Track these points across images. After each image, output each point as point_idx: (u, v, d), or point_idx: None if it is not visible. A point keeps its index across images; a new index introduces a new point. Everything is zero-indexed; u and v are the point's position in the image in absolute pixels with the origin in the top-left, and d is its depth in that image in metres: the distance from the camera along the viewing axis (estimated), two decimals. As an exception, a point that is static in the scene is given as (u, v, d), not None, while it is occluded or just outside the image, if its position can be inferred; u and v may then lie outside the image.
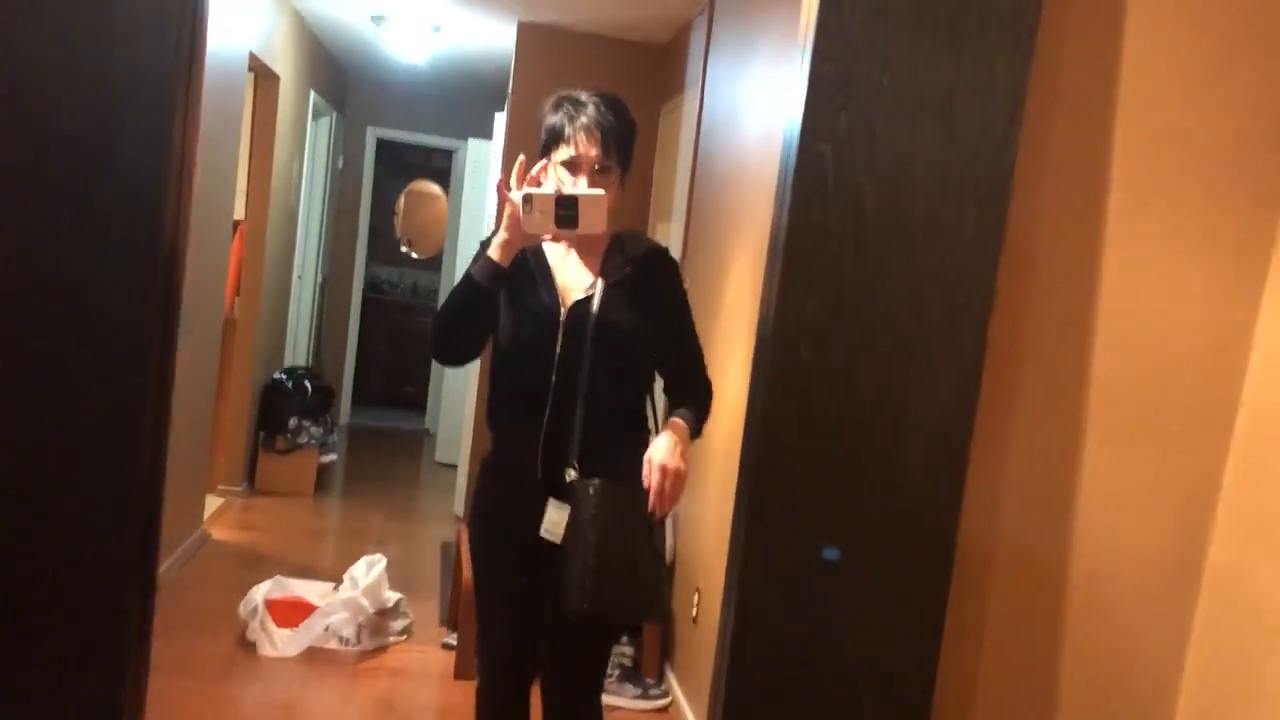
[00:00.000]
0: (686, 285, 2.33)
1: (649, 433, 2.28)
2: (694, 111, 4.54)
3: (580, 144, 2.15)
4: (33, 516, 1.51)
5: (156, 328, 1.65)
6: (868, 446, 1.36)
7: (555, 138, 2.20)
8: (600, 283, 2.23)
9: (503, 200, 2.09)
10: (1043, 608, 2.16)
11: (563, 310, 2.22)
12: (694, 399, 2.23)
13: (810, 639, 1.51)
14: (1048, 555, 2.07)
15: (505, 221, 2.08)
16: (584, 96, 2.20)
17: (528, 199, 2.01)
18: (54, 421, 1.53)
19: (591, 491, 2.14)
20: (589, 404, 2.20)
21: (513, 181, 2.11)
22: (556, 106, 2.22)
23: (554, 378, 2.19)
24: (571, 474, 2.19)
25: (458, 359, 2.30)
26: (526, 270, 2.22)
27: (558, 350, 2.19)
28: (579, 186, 2.13)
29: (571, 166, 2.16)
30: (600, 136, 2.15)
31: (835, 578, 1.47)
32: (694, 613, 3.68)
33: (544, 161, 2.16)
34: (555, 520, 2.20)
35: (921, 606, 1.47)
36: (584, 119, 2.15)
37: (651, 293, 2.24)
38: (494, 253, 2.12)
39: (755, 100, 3.59)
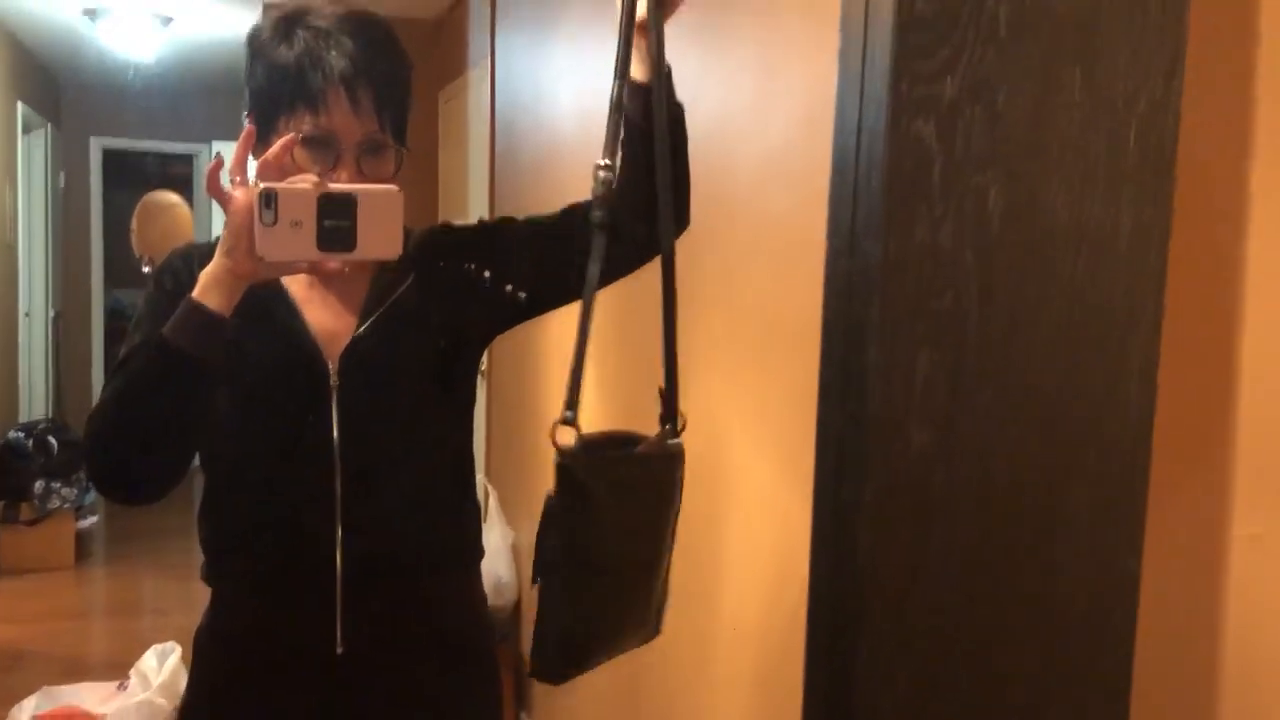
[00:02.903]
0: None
1: (479, 548, 1.56)
2: (482, 93, 4.09)
3: (336, 106, 1.28)
4: None
5: None
6: (1013, 567, 0.92)
7: (286, 93, 1.29)
8: (377, 305, 1.39)
9: (223, 202, 1.18)
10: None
11: (331, 365, 1.36)
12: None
13: None
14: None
15: (227, 239, 1.18)
16: (329, 20, 1.30)
17: (268, 199, 1.14)
18: None
19: None
20: (393, 513, 1.40)
21: (228, 173, 1.19)
22: (285, 33, 1.31)
23: (340, 478, 1.36)
24: None
25: (152, 487, 1.28)
26: (248, 305, 1.23)
27: (335, 431, 1.35)
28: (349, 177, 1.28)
29: (319, 145, 1.29)
30: (371, 93, 1.29)
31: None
32: (554, 656, 3.30)
33: (290, 136, 1.24)
34: None
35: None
36: (337, 60, 1.28)
37: (465, 289, 1.44)
38: (208, 294, 1.18)
39: (564, 73, 3.20)
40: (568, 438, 1.18)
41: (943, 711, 0.88)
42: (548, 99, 3.38)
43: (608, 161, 1.21)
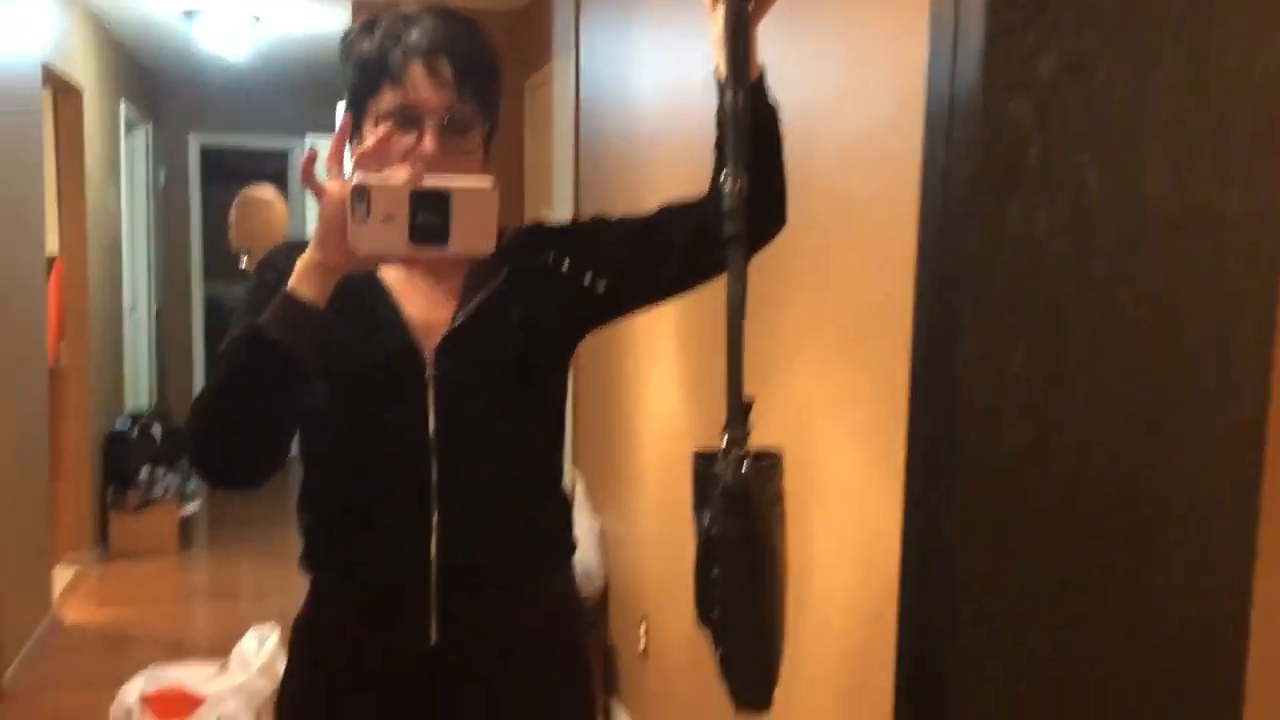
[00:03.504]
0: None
1: (572, 542, 1.56)
2: (567, 82, 4.09)
3: (418, 81, 1.29)
4: None
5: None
6: (1110, 570, 0.87)
7: (371, 74, 1.32)
8: (471, 299, 1.41)
9: (317, 195, 1.21)
10: None
11: (427, 355, 1.39)
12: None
13: None
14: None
15: (320, 231, 1.20)
16: (410, 10, 1.35)
17: (361, 194, 1.15)
18: None
19: None
20: (488, 506, 1.42)
21: (324, 165, 1.21)
22: (368, 27, 1.36)
23: (435, 471, 1.37)
24: None
25: (251, 474, 1.30)
26: (346, 297, 1.28)
27: (431, 423, 1.37)
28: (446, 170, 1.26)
29: (403, 120, 1.31)
30: (451, 66, 1.31)
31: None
32: (642, 645, 3.30)
33: (386, 126, 1.26)
34: None
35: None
36: (416, 37, 1.31)
37: (558, 285, 1.45)
38: (302, 285, 1.21)
39: (646, 62, 3.18)
40: (734, 461, 1.16)
41: (1034, 716, 0.84)
42: (633, 86, 3.36)
43: (736, 174, 1.19)
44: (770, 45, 1.76)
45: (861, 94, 1.87)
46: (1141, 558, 0.89)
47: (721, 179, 1.21)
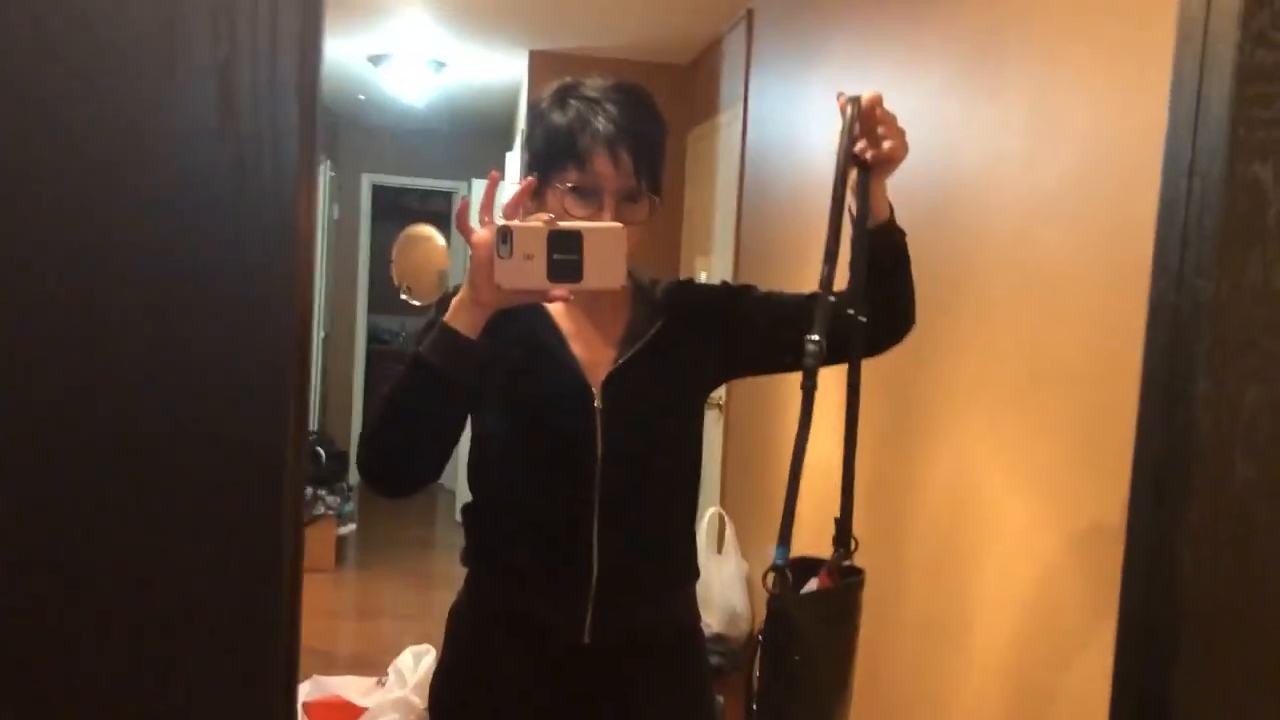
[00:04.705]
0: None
1: (697, 568, 1.70)
2: (732, 135, 4.21)
3: (600, 162, 1.48)
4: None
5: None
6: None
7: (559, 151, 1.51)
8: (632, 343, 1.58)
9: (468, 238, 1.37)
10: None
11: (595, 392, 1.55)
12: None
13: None
14: None
15: (471, 270, 1.37)
16: (598, 90, 1.53)
17: (505, 235, 1.32)
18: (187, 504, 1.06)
19: None
20: (640, 525, 1.58)
21: (475, 213, 1.38)
22: (560, 101, 1.53)
23: (598, 494, 1.54)
24: None
25: (407, 482, 1.50)
26: (526, 337, 1.54)
27: (599, 452, 1.54)
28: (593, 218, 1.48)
29: (585, 194, 1.50)
30: (630, 151, 1.50)
31: None
32: (786, 689, 3.32)
33: (528, 179, 1.47)
34: None
35: None
36: (603, 125, 1.49)
37: (702, 340, 1.64)
38: (456, 319, 1.39)
39: (820, 117, 3.27)
40: (780, 582, 1.33)
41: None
42: (801, 143, 3.45)
43: (818, 338, 1.37)
44: (952, 100, 1.86)
45: (1048, 154, 1.92)
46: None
47: (805, 340, 1.39)
